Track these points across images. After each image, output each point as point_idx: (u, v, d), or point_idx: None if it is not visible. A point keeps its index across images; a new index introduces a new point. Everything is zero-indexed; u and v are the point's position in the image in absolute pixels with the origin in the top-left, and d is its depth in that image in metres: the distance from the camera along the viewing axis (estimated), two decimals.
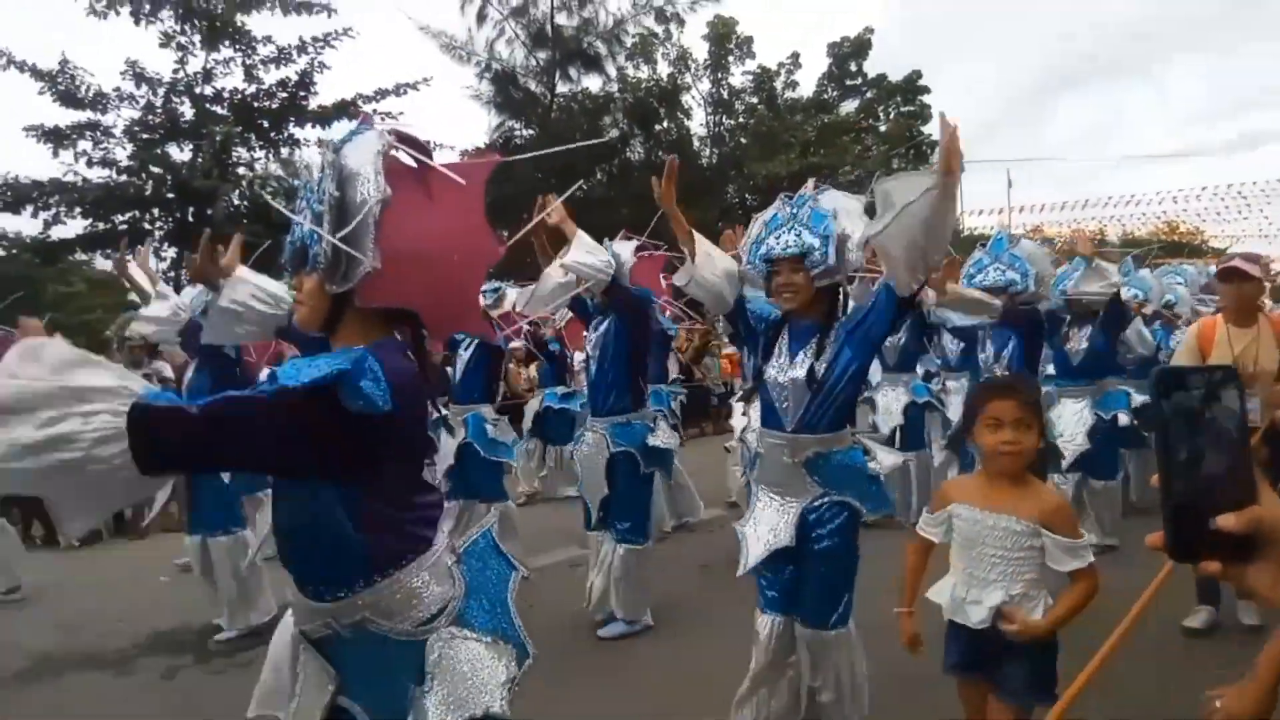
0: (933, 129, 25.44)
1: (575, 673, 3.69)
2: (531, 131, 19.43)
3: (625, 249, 4.27)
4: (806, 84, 24.73)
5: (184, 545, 4.68)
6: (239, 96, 14.41)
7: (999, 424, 2.10)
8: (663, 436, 4.21)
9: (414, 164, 1.51)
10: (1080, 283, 4.87)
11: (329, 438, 1.33)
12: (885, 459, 2.74)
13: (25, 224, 13.84)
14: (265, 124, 14.79)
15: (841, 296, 2.78)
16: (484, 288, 5.39)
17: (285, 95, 14.71)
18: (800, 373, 2.62)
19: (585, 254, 3.86)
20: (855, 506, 2.64)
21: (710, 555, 5.47)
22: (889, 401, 5.94)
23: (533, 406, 7.89)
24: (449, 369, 5.60)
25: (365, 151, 1.46)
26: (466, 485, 5.26)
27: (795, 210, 2.70)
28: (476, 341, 5.24)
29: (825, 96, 25.14)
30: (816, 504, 2.64)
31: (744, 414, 5.23)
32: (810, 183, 2.83)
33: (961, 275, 4.34)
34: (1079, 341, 5.05)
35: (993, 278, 4.08)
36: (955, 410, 5.56)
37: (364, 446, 1.38)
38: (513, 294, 5.42)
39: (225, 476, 4.32)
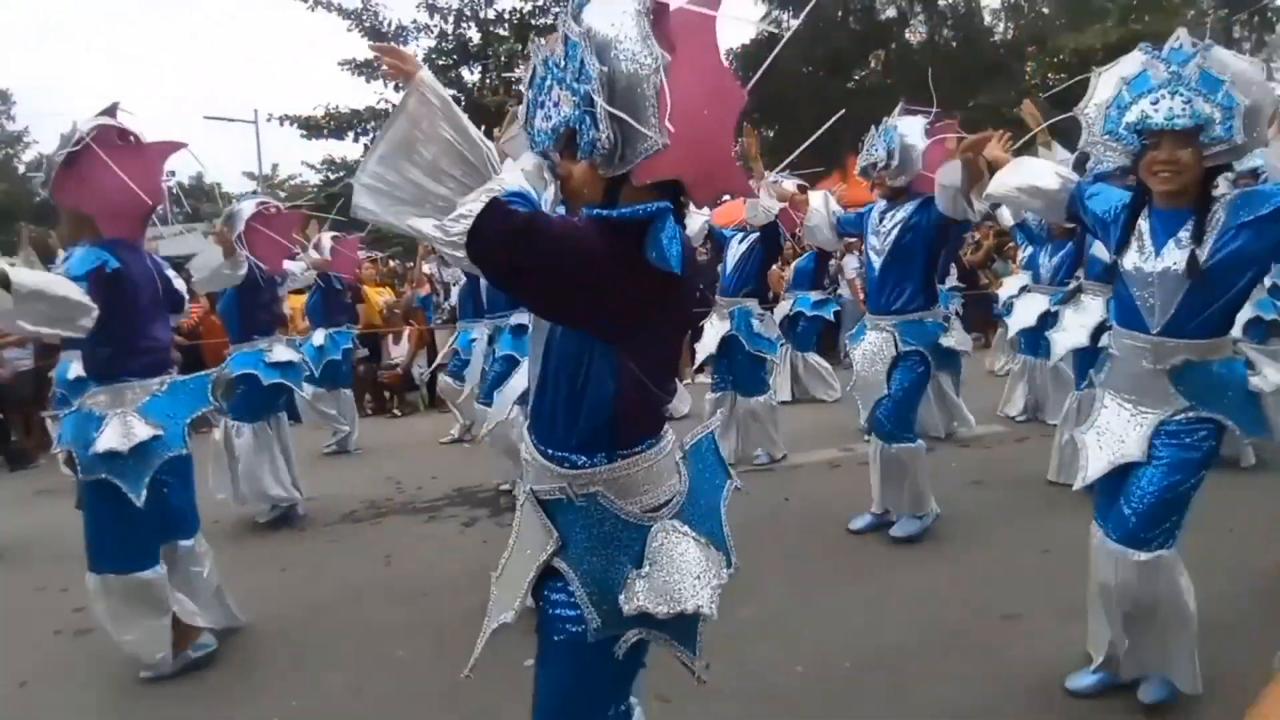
0: None
1: (832, 573, 3.61)
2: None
3: (914, 127, 3.82)
4: None
5: (477, 415, 5.16)
6: (518, 16, 15.39)
7: None
8: (956, 338, 3.89)
9: (680, 16, 1.37)
10: None
11: (618, 283, 1.36)
12: (1273, 376, 2.25)
13: (349, 149, 16.19)
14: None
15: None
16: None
17: (559, 9, 15.33)
18: (1173, 262, 2.20)
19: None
20: (1223, 425, 2.26)
21: (983, 472, 5.03)
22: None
23: (783, 309, 7.45)
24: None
25: (617, 13, 1.36)
26: (730, 377, 5.33)
27: (1177, 70, 2.15)
28: (753, 235, 5.16)
29: None
30: (1176, 418, 2.27)
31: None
32: (1181, 31, 2.24)
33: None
34: None
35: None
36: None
37: (643, 305, 1.40)
38: None
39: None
